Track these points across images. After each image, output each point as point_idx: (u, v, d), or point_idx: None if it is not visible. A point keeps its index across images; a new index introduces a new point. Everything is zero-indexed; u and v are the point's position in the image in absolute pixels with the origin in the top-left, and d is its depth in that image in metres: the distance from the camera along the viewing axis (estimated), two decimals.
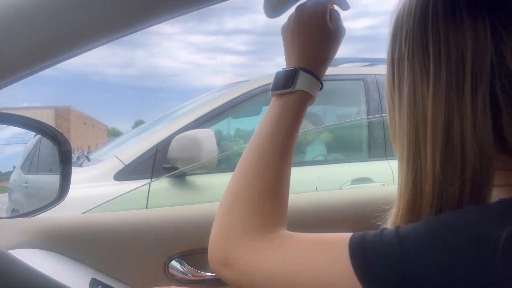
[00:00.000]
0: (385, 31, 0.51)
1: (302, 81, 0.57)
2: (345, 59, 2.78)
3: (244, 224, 0.50)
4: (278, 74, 0.60)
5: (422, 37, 0.44)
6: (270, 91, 0.60)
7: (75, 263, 0.71)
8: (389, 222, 0.49)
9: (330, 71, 2.23)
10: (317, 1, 0.60)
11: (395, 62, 0.47)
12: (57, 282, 0.61)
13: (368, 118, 2.47)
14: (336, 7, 0.62)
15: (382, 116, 2.42)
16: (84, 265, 0.72)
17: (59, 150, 0.92)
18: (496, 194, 0.47)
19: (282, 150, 0.56)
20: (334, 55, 0.61)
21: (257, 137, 0.57)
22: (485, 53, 0.40)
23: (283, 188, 0.54)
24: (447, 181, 0.42)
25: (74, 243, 0.72)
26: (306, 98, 0.58)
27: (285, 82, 0.58)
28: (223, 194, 0.55)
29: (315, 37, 0.59)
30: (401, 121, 0.46)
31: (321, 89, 0.60)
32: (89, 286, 0.68)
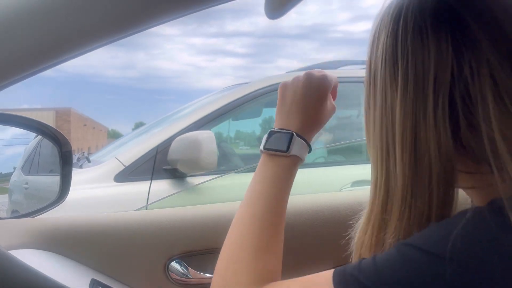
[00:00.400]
0: None
1: (297, 147, 0.62)
2: (345, 62, 2.78)
3: (237, 280, 0.53)
4: (272, 134, 0.63)
5: (393, 51, 0.48)
6: (262, 148, 0.63)
7: (75, 263, 0.71)
8: (362, 222, 0.54)
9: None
10: (326, 76, 0.65)
11: (371, 70, 0.52)
12: (57, 282, 0.61)
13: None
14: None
15: None
16: (84, 265, 0.72)
17: (60, 150, 0.93)
18: (468, 197, 0.52)
19: (276, 211, 0.59)
20: (321, 127, 0.67)
21: (251, 197, 0.61)
22: (446, 66, 0.45)
23: (277, 243, 0.58)
24: (416, 183, 0.46)
25: (74, 244, 0.72)
26: (298, 162, 0.63)
27: (281, 144, 0.62)
28: (222, 247, 0.58)
29: (314, 108, 0.64)
30: (375, 126, 0.50)
31: (309, 152, 0.65)
32: (89, 286, 0.68)
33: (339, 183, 2.14)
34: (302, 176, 2.12)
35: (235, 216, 0.60)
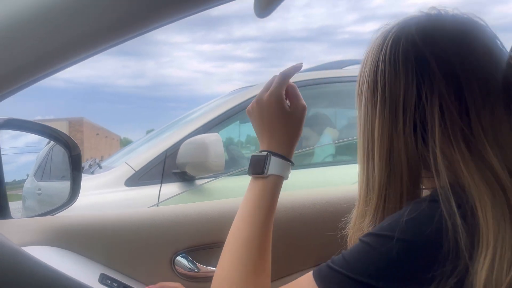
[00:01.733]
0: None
1: (274, 166, 0.67)
2: (351, 61, 2.79)
3: None
4: (252, 157, 0.69)
5: (374, 74, 0.60)
6: (248, 173, 0.69)
7: (85, 259, 0.74)
8: (353, 214, 0.64)
9: (336, 73, 2.28)
10: (270, 92, 0.70)
11: (359, 86, 0.63)
12: (68, 276, 0.64)
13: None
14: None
15: None
16: (93, 261, 0.75)
17: (69, 154, 0.96)
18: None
19: (261, 232, 0.65)
20: (300, 133, 0.72)
21: (237, 221, 0.67)
22: (412, 93, 0.56)
23: (265, 262, 0.64)
24: (390, 182, 0.57)
25: (84, 241, 0.75)
26: (279, 181, 0.68)
27: (258, 167, 0.67)
28: (217, 266, 0.64)
29: (278, 123, 0.69)
30: (360, 132, 0.62)
31: (292, 166, 0.70)
32: (99, 280, 0.71)
33: (347, 182, 2.14)
34: (311, 175, 2.13)
35: (227, 238, 0.66)
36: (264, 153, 0.68)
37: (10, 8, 0.50)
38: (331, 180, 2.23)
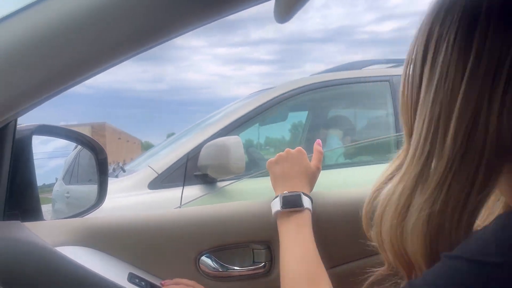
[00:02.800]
0: (414, 32, 0.52)
1: (306, 201, 0.82)
2: (370, 61, 2.77)
3: None
4: (286, 196, 0.82)
5: (470, 25, 0.45)
6: (279, 209, 0.81)
7: (114, 259, 0.77)
8: (392, 184, 0.52)
9: (355, 74, 2.27)
10: (300, 149, 0.91)
11: (432, 38, 0.49)
12: (98, 275, 0.67)
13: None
14: None
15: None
16: (122, 261, 0.78)
17: (96, 158, 1.00)
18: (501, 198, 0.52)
19: (309, 250, 0.76)
20: (313, 184, 0.90)
21: (286, 249, 0.77)
22: None
23: (322, 275, 0.73)
24: (463, 164, 0.45)
25: (113, 241, 0.78)
26: (310, 213, 0.82)
27: (295, 203, 0.81)
28: None
29: (302, 173, 0.87)
30: (426, 98, 0.48)
31: (312, 202, 0.85)
32: (127, 279, 0.74)
33: (369, 183, 2.13)
34: (332, 176, 2.12)
35: (281, 268, 0.75)
36: (297, 193, 0.83)
37: (39, 20, 0.53)
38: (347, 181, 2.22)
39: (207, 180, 2.04)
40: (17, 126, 0.74)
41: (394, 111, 2.47)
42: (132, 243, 0.80)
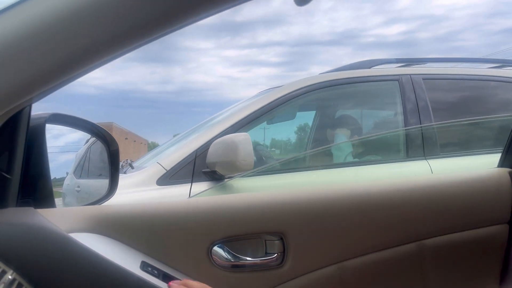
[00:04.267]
0: (421, 35, 0.51)
1: None
2: (379, 61, 2.75)
3: None
4: None
5: None
6: None
7: (126, 247, 0.77)
8: None
9: (364, 72, 2.26)
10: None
11: None
12: (112, 262, 0.67)
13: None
14: None
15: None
16: (134, 249, 0.77)
17: (108, 149, 1.00)
18: None
19: None
20: None
21: None
22: None
23: None
24: None
25: (126, 229, 0.78)
26: None
27: None
28: None
29: None
30: None
31: None
32: (140, 267, 0.74)
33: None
34: (339, 175, 2.11)
35: None
36: None
37: (50, 5, 0.53)
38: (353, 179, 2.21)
39: (215, 177, 2.04)
40: (31, 115, 0.74)
41: (403, 111, 2.45)
42: (145, 232, 0.80)
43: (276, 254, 0.87)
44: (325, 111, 2.89)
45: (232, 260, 0.84)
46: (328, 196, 0.89)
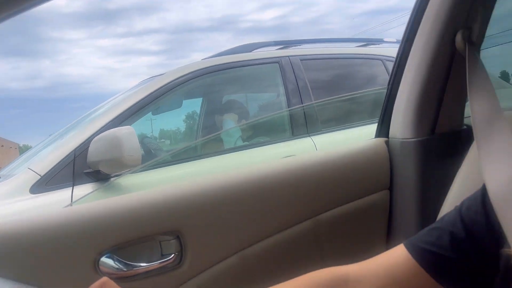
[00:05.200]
0: (294, 19, 0.49)
1: None
2: (259, 44, 2.80)
3: None
4: None
5: None
6: None
7: None
8: None
9: (246, 56, 2.26)
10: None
11: None
12: None
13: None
14: None
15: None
16: (4, 279, 0.65)
17: None
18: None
19: None
20: None
21: None
22: None
23: None
24: None
25: None
26: None
27: None
28: None
29: None
30: None
31: None
32: None
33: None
34: (233, 160, 2.11)
35: None
36: None
37: None
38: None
39: (99, 176, 1.89)
40: None
41: (285, 91, 2.54)
42: (16, 254, 0.67)
43: (173, 255, 0.81)
44: (211, 97, 2.87)
45: (124, 270, 0.76)
46: (222, 184, 0.85)
